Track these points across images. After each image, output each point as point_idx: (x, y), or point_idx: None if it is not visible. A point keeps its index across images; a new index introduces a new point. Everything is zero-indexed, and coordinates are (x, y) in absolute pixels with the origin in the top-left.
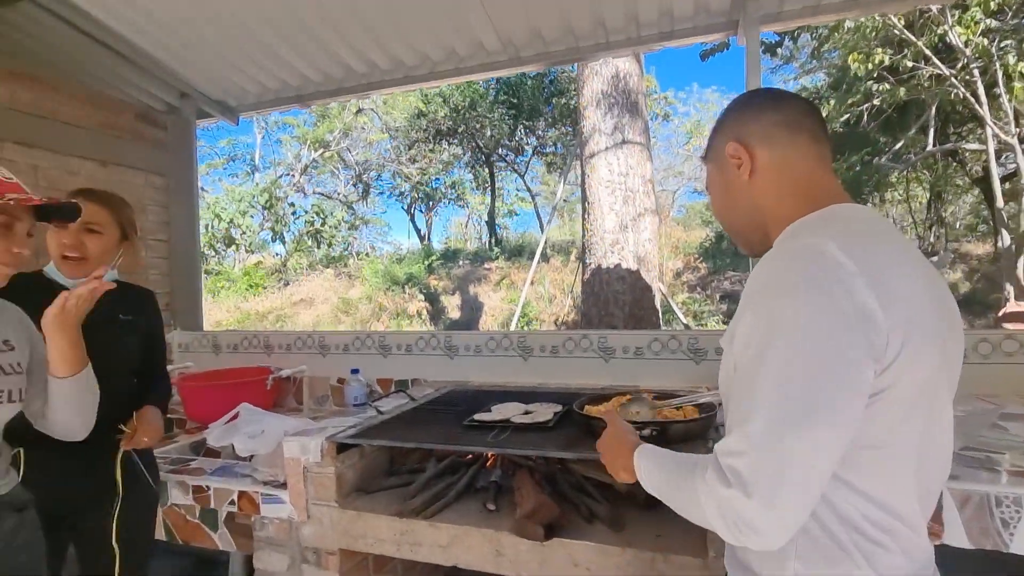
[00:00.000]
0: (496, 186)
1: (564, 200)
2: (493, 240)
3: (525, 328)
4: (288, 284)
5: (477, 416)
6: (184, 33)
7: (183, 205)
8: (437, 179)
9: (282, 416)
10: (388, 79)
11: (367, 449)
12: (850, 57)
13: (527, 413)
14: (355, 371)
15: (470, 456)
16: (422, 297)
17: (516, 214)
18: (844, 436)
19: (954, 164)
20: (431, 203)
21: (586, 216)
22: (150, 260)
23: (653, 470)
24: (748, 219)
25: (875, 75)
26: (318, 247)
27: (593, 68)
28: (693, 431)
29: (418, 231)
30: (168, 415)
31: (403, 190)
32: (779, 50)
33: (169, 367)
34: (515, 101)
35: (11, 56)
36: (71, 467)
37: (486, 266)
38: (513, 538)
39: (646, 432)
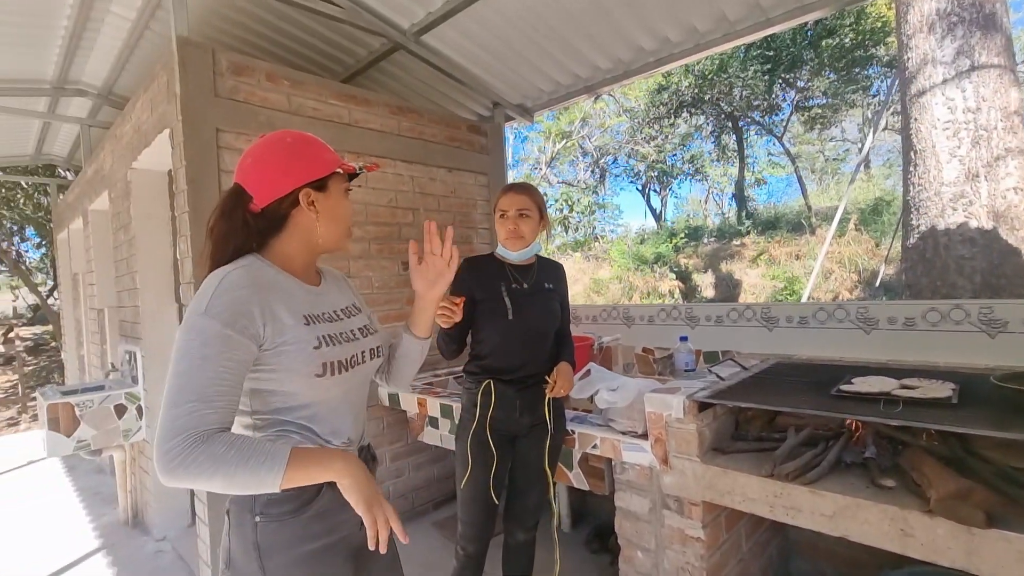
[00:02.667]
0: (743, 154)
1: (828, 159)
2: (744, 213)
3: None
4: None
5: (844, 387)
6: (496, 47)
7: None
8: (673, 155)
9: (626, 376)
10: (678, 51)
11: (718, 411)
12: None
13: (906, 388)
14: (684, 338)
15: (828, 429)
16: (673, 276)
17: (765, 183)
18: None
19: None
20: (666, 179)
21: (912, 169)
22: (479, 245)
23: None
24: None
25: None
26: (566, 232)
27: None
28: None
29: (653, 211)
30: None
31: (638, 171)
32: None
33: None
34: (770, 54)
35: (395, 95)
36: (519, 404)
37: (737, 242)
38: (925, 519)
39: None
